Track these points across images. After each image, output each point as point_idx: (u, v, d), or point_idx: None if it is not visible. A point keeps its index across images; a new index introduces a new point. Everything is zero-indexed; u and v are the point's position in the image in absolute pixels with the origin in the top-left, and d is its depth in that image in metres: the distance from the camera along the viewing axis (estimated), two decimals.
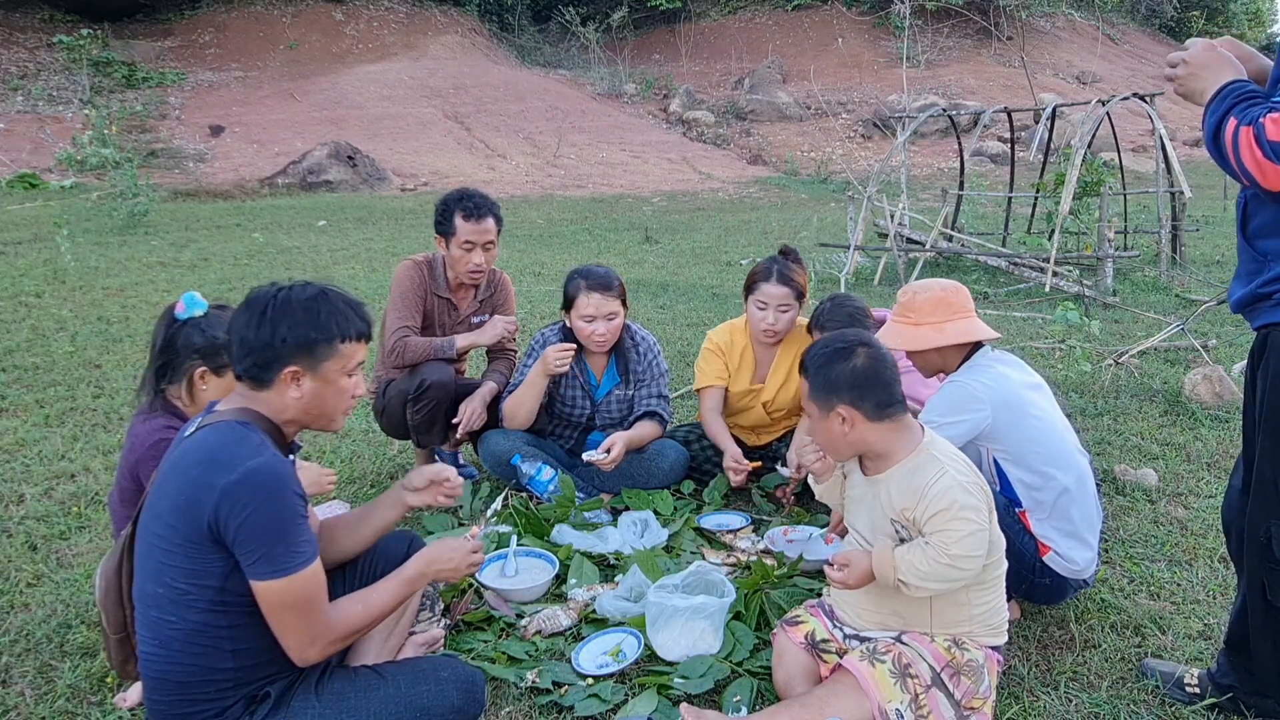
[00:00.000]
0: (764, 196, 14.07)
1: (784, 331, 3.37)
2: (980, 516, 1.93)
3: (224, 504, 1.64)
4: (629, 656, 2.36)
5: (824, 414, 2.01)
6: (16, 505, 3.39)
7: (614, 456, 3.19)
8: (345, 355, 1.83)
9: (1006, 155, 13.12)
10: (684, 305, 6.75)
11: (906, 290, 2.57)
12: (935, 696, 1.96)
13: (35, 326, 5.80)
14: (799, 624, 2.19)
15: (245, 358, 1.77)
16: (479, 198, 3.46)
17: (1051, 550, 2.41)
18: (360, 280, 7.52)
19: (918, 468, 1.98)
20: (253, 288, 1.85)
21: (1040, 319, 6.26)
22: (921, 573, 1.92)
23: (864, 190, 8.47)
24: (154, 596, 1.72)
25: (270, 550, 1.66)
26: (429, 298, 3.50)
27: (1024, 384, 2.49)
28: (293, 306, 1.77)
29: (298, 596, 1.70)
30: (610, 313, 3.31)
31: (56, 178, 12.96)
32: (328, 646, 1.78)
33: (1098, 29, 24.74)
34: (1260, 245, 1.75)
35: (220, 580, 1.69)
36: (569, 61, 23.07)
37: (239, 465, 1.66)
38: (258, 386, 1.80)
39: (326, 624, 1.76)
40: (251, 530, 1.65)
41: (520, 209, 12.42)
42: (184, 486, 1.68)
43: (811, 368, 2.03)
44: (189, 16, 21.39)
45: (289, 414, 1.83)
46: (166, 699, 1.76)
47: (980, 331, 2.48)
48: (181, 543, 1.68)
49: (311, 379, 1.80)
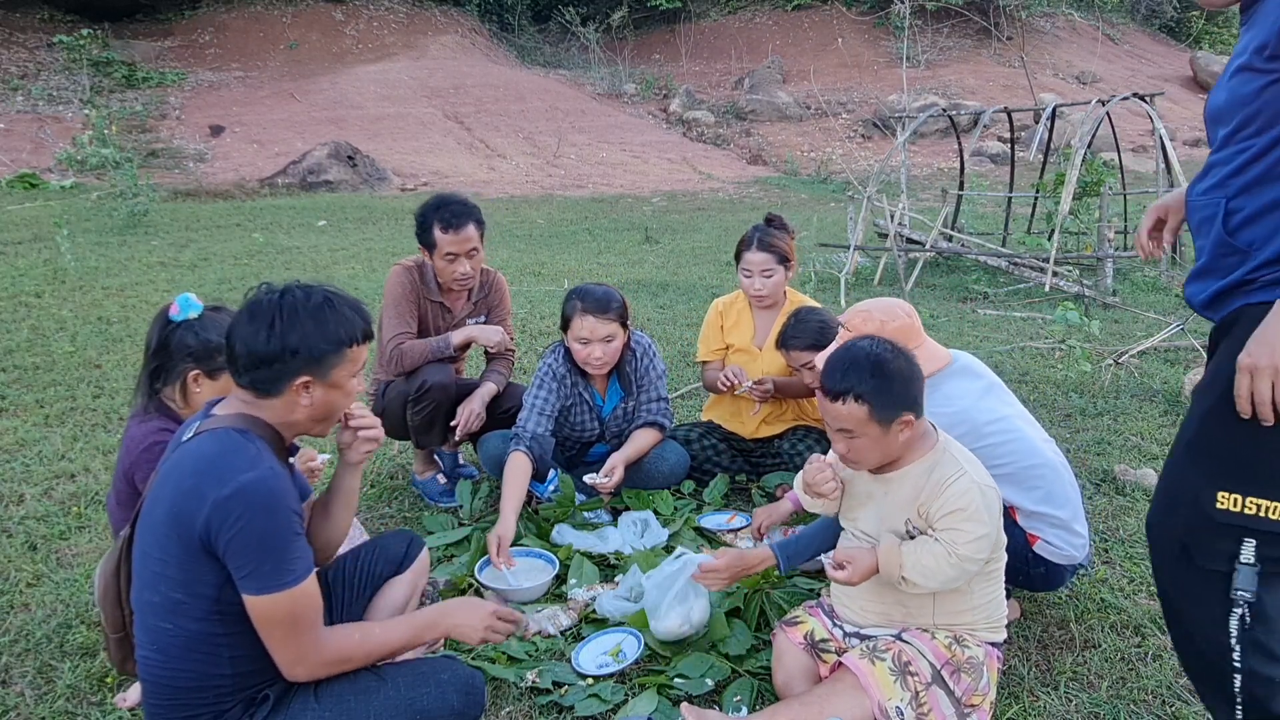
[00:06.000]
0: (764, 196, 14.07)
1: (771, 295, 3.47)
2: (992, 521, 1.94)
3: (215, 517, 1.62)
4: (629, 656, 2.36)
5: (885, 429, 1.96)
6: (16, 505, 3.39)
7: (615, 481, 3.18)
8: (352, 359, 1.83)
9: (1006, 155, 13.12)
10: (684, 305, 6.75)
11: (868, 319, 2.42)
12: (935, 694, 1.96)
13: (35, 326, 5.80)
14: (798, 624, 2.19)
15: (252, 370, 1.75)
16: (456, 205, 3.33)
17: (1040, 539, 2.41)
18: (360, 280, 7.52)
19: (936, 465, 2.00)
20: (250, 292, 1.81)
21: (1040, 319, 6.25)
22: (927, 570, 1.93)
23: (864, 190, 8.47)
24: (150, 604, 1.72)
25: (260, 566, 1.64)
26: (421, 302, 3.45)
27: (977, 394, 2.44)
28: (300, 317, 1.75)
29: (285, 614, 1.68)
30: (606, 335, 3.22)
31: (56, 178, 12.95)
32: (317, 667, 1.76)
33: (1098, 29, 24.73)
34: (1243, 238, 1.77)
35: (215, 590, 1.68)
36: (569, 61, 23.06)
37: (233, 479, 1.63)
38: (263, 396, 1.78)
39: (316, 644, 1.74)
40: (242, 545, 1.63)
41: (520, 209, 12.42)
42: (177, 497, 1.67)
43: (870, 389, 1.94)
44: (189, 16, 21.37)
45: (294, 419, 1.82)
46: (165, 703, 1.76)
47: (942, 354, 2.48)
48: (176, 553, 1.67)
49: (321, 387, 1.80)
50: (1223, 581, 1.75)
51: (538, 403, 3.29)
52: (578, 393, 3.37)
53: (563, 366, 3.34)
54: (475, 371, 3.92)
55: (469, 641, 1.97)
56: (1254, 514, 1.72)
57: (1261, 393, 1.67)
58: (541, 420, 3.26)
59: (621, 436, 3.45)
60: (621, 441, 3.39)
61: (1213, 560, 1.76)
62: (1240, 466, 1.74)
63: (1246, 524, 1.73)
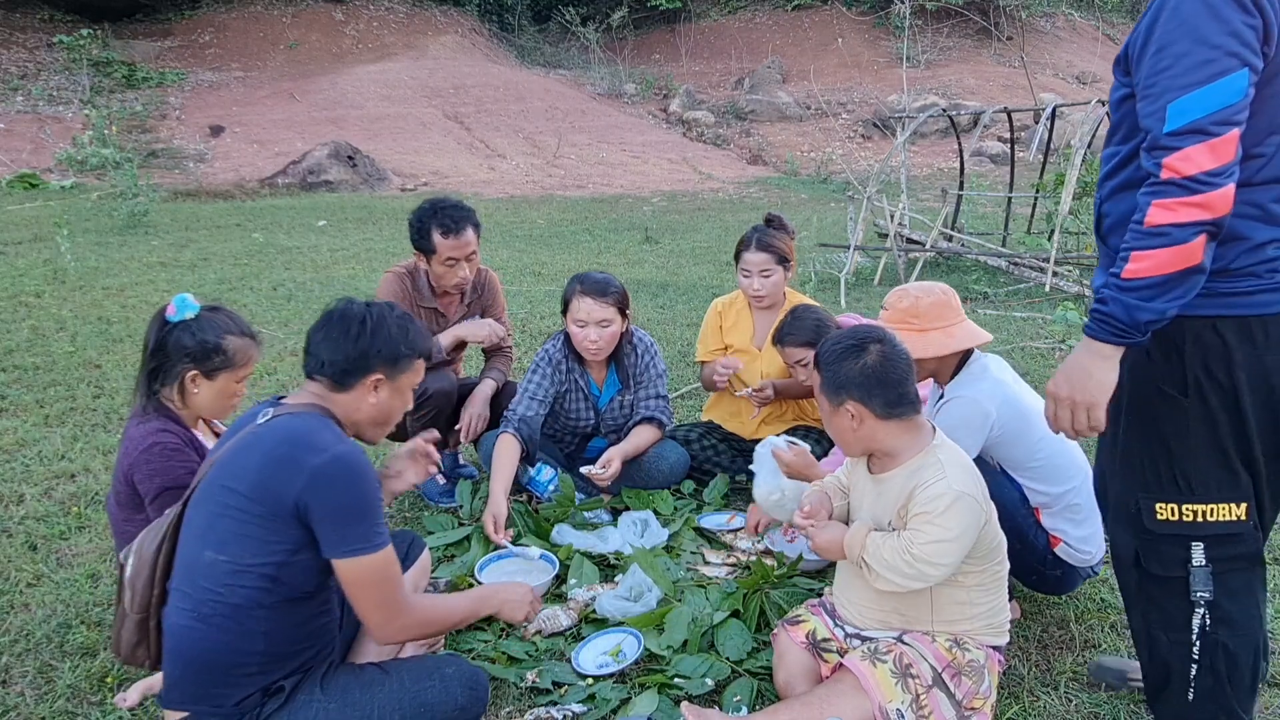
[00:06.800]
0: (764, 196, 14.06)
1: (770, 296, 3.46)
2: (959, 528, 1.89)
3: (313, 484, 1.74)
4: (629, 656, 2.36)
5: (834, 408, 2.01)
6: (16, 505, 3.38)
7: (611, 473, 3.18)
8: (417, 370, 2.03)
9: (1006, 155, 13.11)
10: (684, 305, 6.75)
11: (904, 296, 2.45)
12: (936, 697, 1.95)
13: (35, 326, 5.79)
14: (800, 623, 2.19)
15: (335, 361, 1.91)
16: (454, 209, 3.27)
17: (1062, 542, 2.42)
18: (360, 280, 7.52)
19: (920, 468, 1.98)
20: (334, 304, 2.00)
21: (1040, 319, 6.25)
22: (884, 562, 1.94)
23: (864, 190, 8.47)
24: (210, 565, 1.77)
25: (354, 529, 1.77)
26: (415, 309, 3.39)
27: (1018, 388, 2.47)
28: (387, 322, 1.96)
29: (378, 574, 1.80)
30: (603, 319, 3.24)
31: (56, 178, 12.95)
32: (407, 628, 1.90)
33: (1098, 29, 24.74)
34: (1113, 242, 1.80)
35: (285, 556, 1.76)
36: (569, 61, 23.06)
37: (327, 449, 1.77)
38: (336, 389, 1.93)
39: (404, 604, 1.87)
40: (337, 509, 1.76)
41: (520, 209, 12.41)
42: (268, 464, 1.77)
43: (824, 362, 2.03)
44: (189, 16, 21.37)
45: (357, 417, 1.96)
46: (189, 677, 1.79)
47: (981, 334, 2.47)
48: (260, 515, 1.75)
49: (388, 388, 1.97)
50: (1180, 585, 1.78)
51: (530, 387, 3.33)
52: (573, 379, 3.38)
53: (560, 352, 3.38)
54: (475, 370, 3.92)
55: (513, 619, 2.15)
56: (1193, 520, 1.76)
57: (1062, 421, 1.74)
58: (533, 405, 3.29)
59: (619, 431, 3.46)
60: (619, 437, 3.40)
61: (1166, 567, 1.80)
62: (1167, 478, 1.77)
63: (1189, 531, 1.76)
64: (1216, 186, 1.53)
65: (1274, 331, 1.68)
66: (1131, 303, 1.60)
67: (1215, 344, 1.69)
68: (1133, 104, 1.71)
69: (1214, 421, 1.71)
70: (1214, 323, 1.67)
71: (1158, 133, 1.57)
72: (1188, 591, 1.77)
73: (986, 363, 2.47)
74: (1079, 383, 1.70)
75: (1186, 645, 1.80)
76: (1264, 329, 1.68)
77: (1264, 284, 1.67)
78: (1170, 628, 1.82)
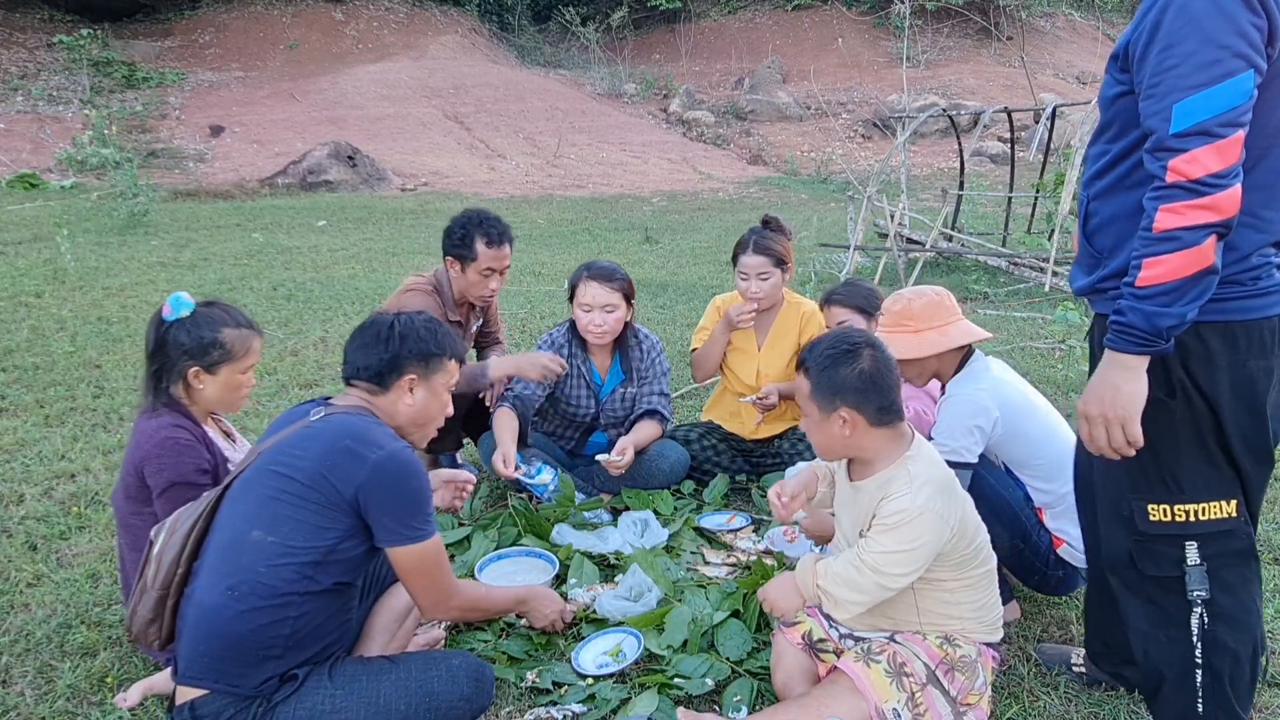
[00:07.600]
0: (764, 196, 14.06)
1: (768, 297, 3.46)
2: (914, 544, 1.88)
3: (375, 476, 1.86)
4: (629, 656, 2.36)
5: (825, 415, 1.97)
6: (16, 505, 3.39)
7: (627, 460, 3.21)
8: (450, 372, 2.13)
9: (1006, 155, 13.11)
10: (684, 305, 6.75)
11: (897, 299, 2.47)
12: (931, 694, 1.96)
13: (35, 326, 5.79)
14: (796, 624, 2.19)
15: (369, 365, 2.03)
16: (498, 222, 3.31)
17: (1065, 543, 2.42)
18: (360, 280, 7.52)
19: (890, 480, 1.96)
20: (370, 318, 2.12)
21: (1040, 319, 6.25)
22: (840, 577, 1.94)
23: (864, 190, 8.47)
24: (256, 544, 1.83)
25: (411, 518, 1.91)
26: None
27: (1020, 387, 2.49)
28: (415, 325, 2.09)
29: (432, 559, 1.96)
30: (608, 304, 3.31)
31: (56, 178, 12.94)
32: (457, 609, 2.08)
33: (1097, 29, 24.73)
34: (1097, 243, 1.81)
35: (333, 542, 1.86)
36: (569, 61, 23.05)
37: (385, 445, 1.90)
38: (375, 391, 2.04)
39: (454, 587, 2.03)
40: (395, 499, 1.88)
41: (520, 209, 12.41)
42: (330, 454, 1.87)
43: (815, 367, 1.97)
44: (189, 16, 21.37)
45: (399, 420, 2.06)
46: (215, 653, 1.81)
47: (978, 331, 2.47)
48: (317, 502, 1.85)
49: (423, 388, 2.07)
50: (1176, 584, 1.78)
51: None
52: (575, 365, 3.40)
53: (563, 337, 3.43)
54: None
55: (538, 623, 2.42)
56: (1185, 520, 1.76)
57: (1098, 440, 1.73)
58: (530, 384, 3.33)
59: (618, 425, 3.48)
60: (619, 431, 3.42)
61: (1161, 568, 1.80)
62: (1156, 479, 1.78)
63: (1182, 530, 1.76)
64: (1224, 188, 1.52)
65: (1256, 336, 1.69)
66: (1151, 310, 1.59)
67: (1198, 349, 1.69)
68: (1126, 101, 1.70)
69: (1198, 423, 1.72)
70: (1198, 328, 1.67)
71: (1163, 134, 1.56)
72: (1184, 591, 1.78)
73: (988, 363, 2.48)
74: (1109, 399, 1.67)
75: (1186, 644, 1.81)
76: (1246, 334, 1.69)
77: (1247, 290, 1.68)
78: (1169, 626, 1.82)
